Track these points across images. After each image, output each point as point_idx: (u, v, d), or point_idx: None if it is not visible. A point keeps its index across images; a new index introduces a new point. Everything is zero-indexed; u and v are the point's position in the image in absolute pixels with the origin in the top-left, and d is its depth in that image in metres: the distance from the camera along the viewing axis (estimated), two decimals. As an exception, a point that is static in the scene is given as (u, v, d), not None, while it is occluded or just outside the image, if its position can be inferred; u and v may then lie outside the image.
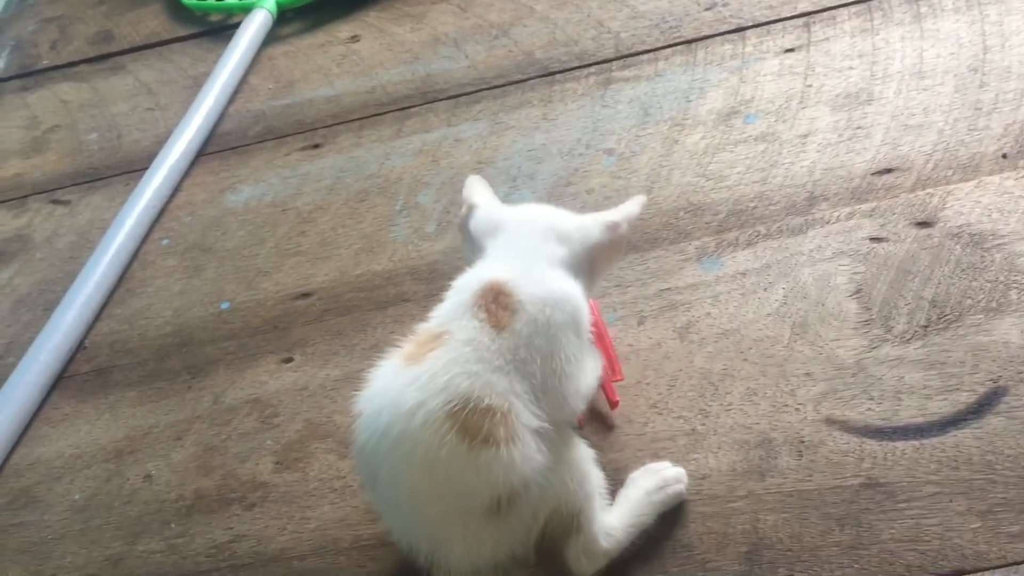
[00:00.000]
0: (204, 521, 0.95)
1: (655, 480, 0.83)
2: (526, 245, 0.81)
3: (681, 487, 0.84)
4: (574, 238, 0.82)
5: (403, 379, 0.74)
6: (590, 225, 0.83)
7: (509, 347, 0.74)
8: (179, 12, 1.71)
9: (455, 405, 0.71)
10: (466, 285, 0.78)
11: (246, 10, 1.61)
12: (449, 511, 0.73)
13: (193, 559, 0.93)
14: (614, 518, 0.80)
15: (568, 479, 0.76)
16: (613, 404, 0.92)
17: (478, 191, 0.88)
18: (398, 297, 1.12)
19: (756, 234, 1.07)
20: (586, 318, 0.80)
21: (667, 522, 0.85)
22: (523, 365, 0.74)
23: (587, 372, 0.80)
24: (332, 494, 0.94)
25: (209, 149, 1.42)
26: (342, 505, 0.93)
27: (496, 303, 0.75)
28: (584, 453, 0.80)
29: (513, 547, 0.76)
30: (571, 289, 0.79)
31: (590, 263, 0.83)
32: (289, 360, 1.08)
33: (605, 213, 0.85)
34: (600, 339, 0.92)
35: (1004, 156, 1.07)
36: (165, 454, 1.02)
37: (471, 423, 0.70)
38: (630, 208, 0.85)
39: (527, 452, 0.72)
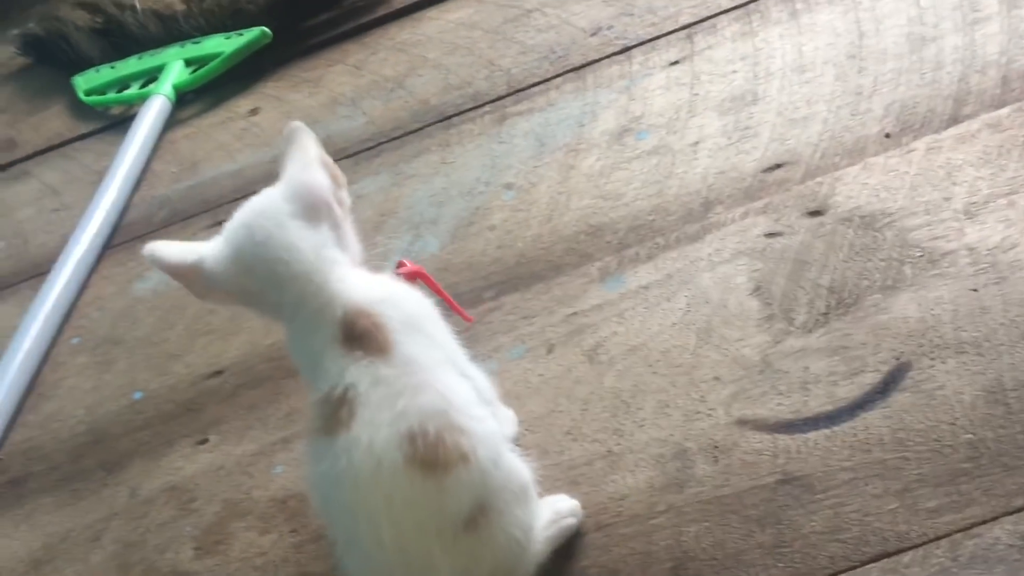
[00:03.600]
0: (127, 620, 0.92)
1: (548, 515, 0.81)
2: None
3: (574, 520, 0.82)
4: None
5: (342, 447, 0.70)
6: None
7: (405, 363, 0.72)
8: (80, 110, 1.71)
9: (406, 450, 0.69)
10: (315, 326, 0.75)
11: (145, 99, 1.61)
12: (432, 536, 0.70)
13: (118, 661, 0.89)
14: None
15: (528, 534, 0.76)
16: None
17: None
18: (310, 361, 1.10)
19: (656, 246, 1.07)
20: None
21: (593, 549, 0.83)
22: (428, 372, 0.72)
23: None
24: (254, 573, 0.92)
25: (116, 241, 1.41)
26: (265, 582, 0.90)
27: (359, 332, 0.72)
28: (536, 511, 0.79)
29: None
30: (391, 283, 0.77)
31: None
32: (204, 441, 1.06)
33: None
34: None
35: (887, 136, 1.08)
36: (84, 557, 0.99)
37: (427, 456, 0.69)
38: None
39: (482, 462, 0.71)
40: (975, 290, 0.89)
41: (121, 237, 1.41)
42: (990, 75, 1.09)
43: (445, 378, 0.73)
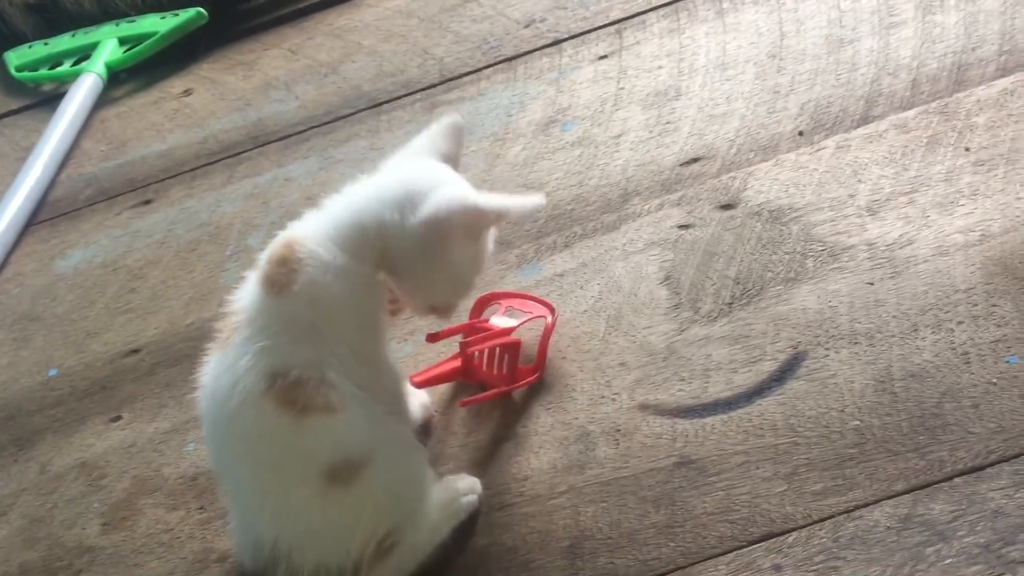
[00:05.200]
0: (29, 595, 0.92)
1: (447, 493, 0.82)
2: (354, 202, 0.77)
3: (473, 498, 0.84)
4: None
5: (217, 367, 0.75)
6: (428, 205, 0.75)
7: (290, 312, 0.73)
8: (11, 86, 1.68)
9: (265, 383, 0.72)
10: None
11: (76, 76, 1.59)
12: (292, 477, 0.73)
13: (18, 635, 0.89)
14: (413, 537, 0.79)
15: (408, 491, 0.78)
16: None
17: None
18: (228, 341, 1.10)
19: (573, 235, 1.09)
20: (371, 302, 0.78)
21: (494, 528, 0.85)
22: (314, 330, 0.74)
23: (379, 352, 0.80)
24: (160, 548, 0.92)
25: (39, 218, 1.39)
26: (170, 558, 0.91)
27: (281, 264, 0.74)
28: (425, 477, 0.81)
29: (358, 537, 0.75)
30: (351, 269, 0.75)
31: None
32: (117, 419, 1.06)
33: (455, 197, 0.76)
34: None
35: (800, 133, 1.11)
36: (-11, 532, 0.99)
37: (286, 395, 0.72)
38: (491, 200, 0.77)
39: (352, 420, 0.73)
40: (871, 284, 0.92)
41: (45, 214, 1.40)
42: (901, 78, 1.13)
43: (333, 349, 0.74)
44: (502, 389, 0.90)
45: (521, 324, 0.93)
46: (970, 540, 0.73)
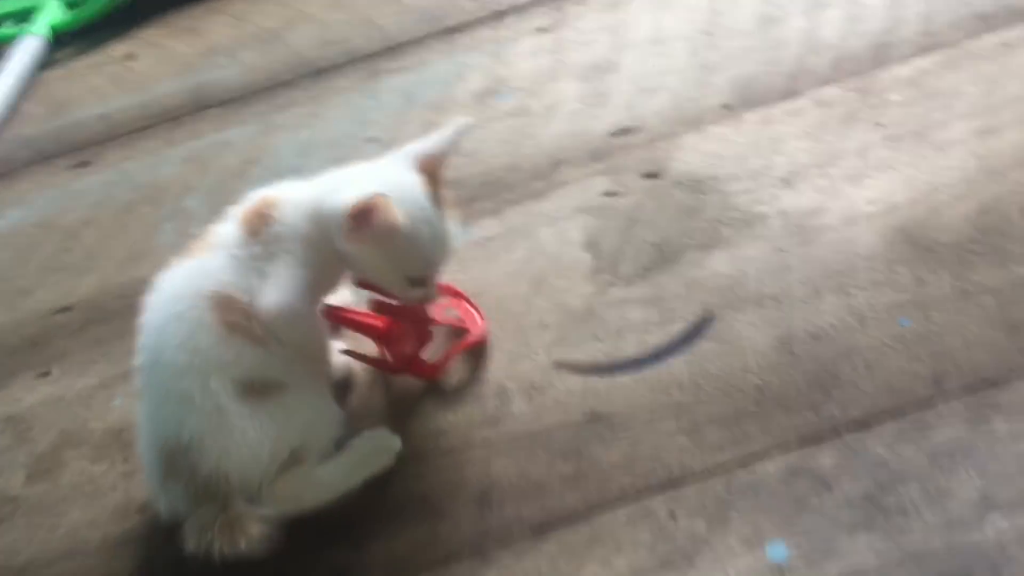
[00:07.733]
0: (-49, 542, 0.93)
1: (367, 446, 0.86)
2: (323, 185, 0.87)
3: (391, 454, 0.86)
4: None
5: (176, 270, 0.84)
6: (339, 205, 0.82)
7: (253, 247, 0.82)
8: (-48, 47, 1.67)
9: (210, 288, 0.80)
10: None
11: (19, 38, 1.58)
12: (209, 369, 0.79)
13: (-62, 581, 0.90)
14: (322, 473, 0.82)
15: (315, 419, 0.83)
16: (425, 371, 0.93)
17: None
18: (160, 300, 1.12)
19: (503, 201, 1.11)
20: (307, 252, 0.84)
21: (409, 478, 0.87)
22: (262, 266, 0.82)
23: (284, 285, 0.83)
24: (83, 498, 0.93)
25: (-24, 179, 1.39)
26: (92, 508, 0.92)
27: (257, 215, 0.84)
28: (334, 411, 0.86)
29: (266, 451, 0.79)
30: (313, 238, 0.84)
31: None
32: (46, 374, 1.07)
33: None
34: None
35: (726, 107, 1.14)
36: (-87, 482, 0.99)
37: (223, 306, 0.80)
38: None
39: (272, 353, 0.80)
40: (782, 251, 0.96)
41: (-18, 175, 1.39)
42: (824, 56, 1.16)
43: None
44: (391, 364, 0.93)
45: (447, 323, 0.96)
46: (850, 488, 0.77)
